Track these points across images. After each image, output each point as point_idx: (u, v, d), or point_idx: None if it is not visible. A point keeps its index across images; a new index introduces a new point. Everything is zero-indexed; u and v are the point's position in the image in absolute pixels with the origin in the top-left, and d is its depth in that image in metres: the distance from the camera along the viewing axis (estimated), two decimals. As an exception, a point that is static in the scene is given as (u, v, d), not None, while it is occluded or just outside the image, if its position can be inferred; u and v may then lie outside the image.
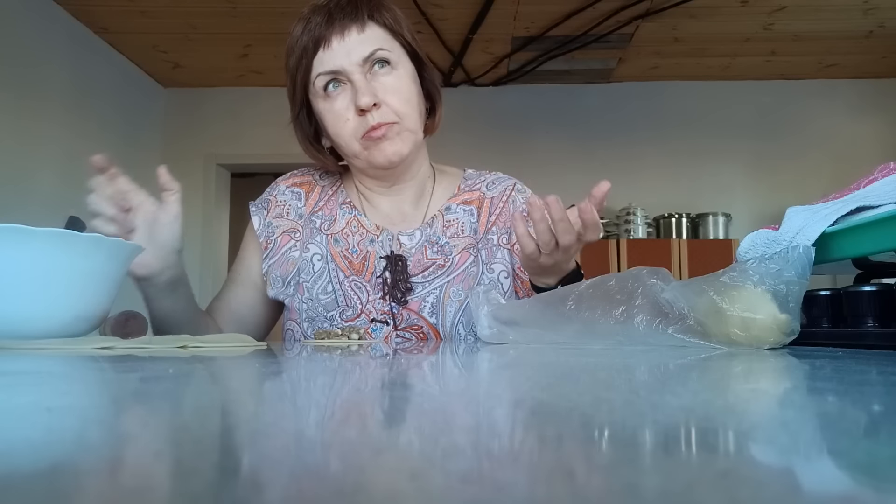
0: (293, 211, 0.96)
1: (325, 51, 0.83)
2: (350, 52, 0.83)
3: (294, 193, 0.98)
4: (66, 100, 3.33)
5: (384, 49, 0.84)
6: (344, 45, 0.83)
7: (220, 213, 4.38)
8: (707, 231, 3.91)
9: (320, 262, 0.91)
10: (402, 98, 0.85)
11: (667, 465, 0.14)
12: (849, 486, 0.13)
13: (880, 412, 0.22)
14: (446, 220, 0.94)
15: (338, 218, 0.95)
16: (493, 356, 0.50)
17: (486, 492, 0.12)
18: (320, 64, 0.84)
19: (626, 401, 0.25)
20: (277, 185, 1.00)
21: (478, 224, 0.95)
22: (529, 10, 3.37)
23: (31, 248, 0.57)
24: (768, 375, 0.36)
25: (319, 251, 0.92)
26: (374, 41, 0.84)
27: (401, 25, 0.88)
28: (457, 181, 1.00)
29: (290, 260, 0.93)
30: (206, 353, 0.50)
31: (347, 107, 0.85)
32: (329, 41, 0.83)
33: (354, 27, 0.83)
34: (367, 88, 0.83)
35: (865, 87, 4.23)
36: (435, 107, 0.94)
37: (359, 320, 0.88)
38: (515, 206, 0.97)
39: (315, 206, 0.96)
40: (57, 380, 0.32)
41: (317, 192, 0.98)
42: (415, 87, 0.88)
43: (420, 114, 0.89)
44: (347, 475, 0.13)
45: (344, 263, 0.91)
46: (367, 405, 0.25)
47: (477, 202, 0.97)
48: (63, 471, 0.13)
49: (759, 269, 0.55)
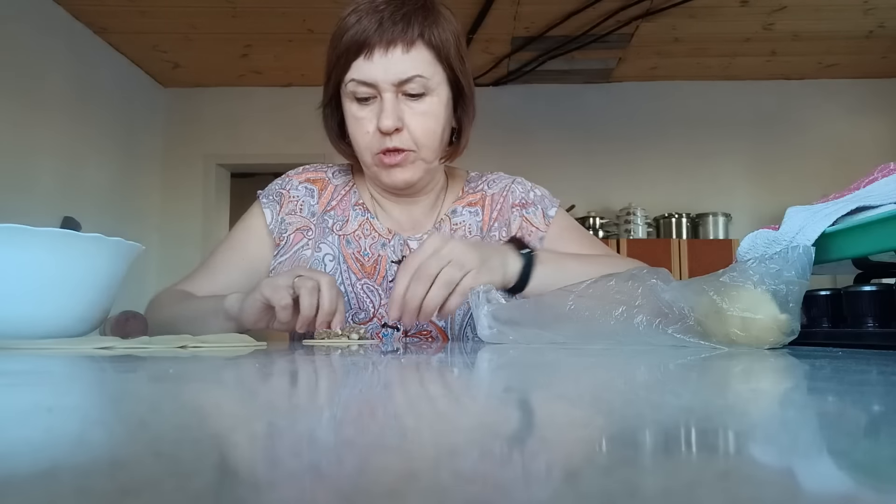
0: (306, 208, 0.95)
1: (366, 59, 0.81)
2: (388, 69, 0.81)
3: (307, 190, 0.96)
4: (66, 100, 3.34)
5: (423, 76, 0.82)
6: (385, 61, 0.80)
7: (219, 213, 4.38)
8: (707, 231, 3.91)
9: (332, 263, 0.90)
10: (426, 128, 0.84)
11: (667, 465, 0.14)
12: (849, 486, 0.13)
13: (880, 412, 0.22)
14: (453, 224, 0.94)
15: (350, 219, 0.94)
16: (493, 356, 0.50)
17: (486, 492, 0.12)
18: (357, 70, 0.82)
19: (626, 401, 0.25)
20: (290, 179, 0.98)
21: (482, 223, 0.95)
22: (529, 10, 3.37)
23: (32, 248, 0.57)
24: (768, 375, 0.36)
25: (331, 252, 0.91)
26: (416, 65, 0.81)
27: (449, 49, 0.85)
28: (461, 183, 1.00)
29: (301, 258, 0.91)
30: (206, 353, 0.50)
31: (371, 120, 0.83)
32: (372, 51, 0.81)
33: (401, 45, 0.81)
34: (394, 111, 0.81)
35: (865, 87, 4.23)
36: (462, 133, 0.92)
37: (371, 324, 0.88)
38: (514, 196, 0.97)
39: (328, 205, 0.95)
40: (57, 380, 0.32)
41: (330, 190, 0.97)
42: (443, 116, 0.86)
43: (441, 143, 0.87)
44: (347, 475, 0.13)
45: (356, 266, 0.90)
46: (367, 405, 0.25)
47: (480, 202, 0.97)
48: (63, 471, 0.13)
49: (759, 269, 0.55)
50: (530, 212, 0.96)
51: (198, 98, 4.32)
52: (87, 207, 3.45)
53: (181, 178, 4.28)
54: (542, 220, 0.96)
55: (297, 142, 4.19)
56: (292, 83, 4.26)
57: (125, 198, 3.86)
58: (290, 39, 3.64)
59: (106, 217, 3.62)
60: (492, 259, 0.76)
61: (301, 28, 3.49)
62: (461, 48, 0.87)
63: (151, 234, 4.12)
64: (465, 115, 0.91)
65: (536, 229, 0.95)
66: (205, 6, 3.28)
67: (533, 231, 0.95)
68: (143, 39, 3.64)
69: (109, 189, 3.69)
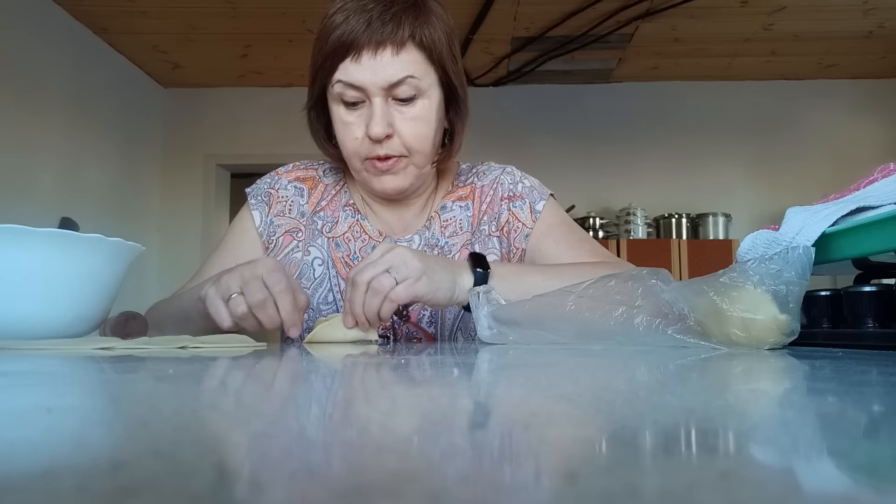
0: (295, 208, 0.92)
1: (354, 61, 0.78)
2: (377, 72, 0.77)
3: (297, 189, 0.94)
4: (66, 100, 3.33)
5: (415, 77, 0.79)
6: (374, 63, 0.77)
7: (219, 213, 4.38)
8: (707, 231, 3.91)
9: (321, 268, 0.89)
10: (417, 132, 0.81)
11: (667, 466, 0.14)
12: (849, 487, 0.13)
13: (880, 413, 0.22)
14: (443, 220, 0.92)
15: (340, 220, 0.91)
16: (493, 356, 0.50)
17: (486, 492, 0.12)
18: (345, 72, 0.78)
19: (626, 401, 0.25)
20: (279, 177, 0.95)
21: (472, 217, 0.92)
22: (529, 11, 3.37)
23: (32, 249, 0.57)
24: (768, 376, 0.36)
25: (320, 255, 0.89)
26: (406, 66, 0.78)
27: (441, 49, 0.81)
28: (451, 177, 0.97)
29: (292, 262, 0.89)
30: (206, 354, 0.50)
31: (359, 125, 0.80)
32: (360, 53, 0.77)
33: (390, 46, 0.77)
34: (383, 117, 0.78)
35: (865, 87, 4.23)
36: (455, 135, 0.89)
37: None
38: (503, 188, 0.93)
39: (317, 206, 0.93)
40: (57, 380, 0.32)
41: (320, 189, 0.94)
42: (435, 119, 0.82)
43: (434, 147, 0.85)
44: (347, 475, 0.13)
45: (345, 270, 0.88)
46: (367, 405, 0.25)
47: (470, 195, 0.94)
48: (63, 471, 0.13)
49: (759, 270, 0.55)
50: (517, 206, 0.92)
51: (198, 98, 4.31)
52: (86, 208, 3.45)
53: (181, 178, 4.28)
54: (529, 216, 0.91)
55: (297, 142, 4.13)
56: (292, 83, 4.26)
57: (125, 198, 3.86)
58: (290, 39, 3.64)
59: (106, 217, 3.62)
60: (438, 273, 0.72)
61: (301, 28, 3.49)
62: (454, 47, 0.84)
63: (151, 235, 4.11)
64: (458, 116, 0.88)
65: (523, 225, 0.91)
66: (205, 6, 3.28)
67: (519, 227, 0.91)
68: (143, 39, 3.64)
69: (109, 189, 3.69)
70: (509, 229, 0.91)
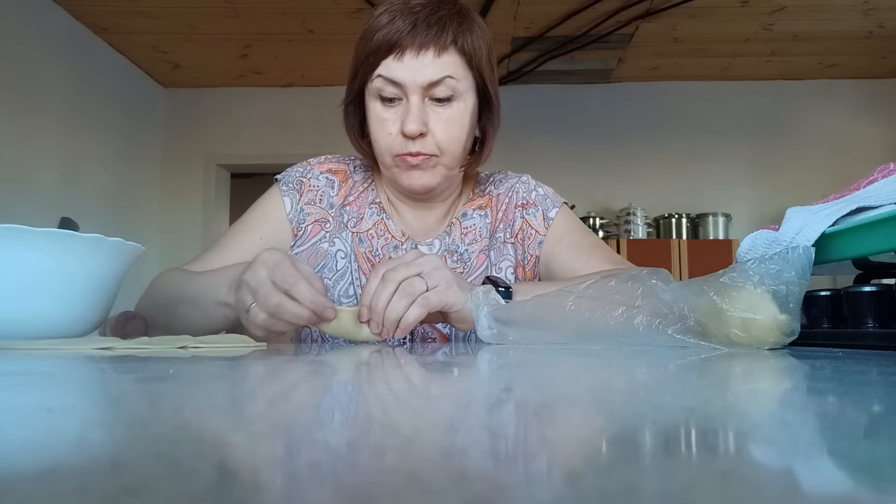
0: (325, 199, 0.93)
1: (396, 60, 0.80)
2: (418, 71, 0.80)
3: (328, 181, 0.94)
4: (66, 100, 3.33)
5: (453, 78, 0.81)
6: (416, 63, 0.80)
7: (219, 213, 4.38)
8: (707, 231, 3.91)
9: (344, 261, 0.89)
10: (450, 134, 0.83)
11: (667, 466, 0.14)
12: (849, 487, 0.13)
13: (880, 413, 0.22)
14: (464, 227, 0.94)
15: (366, 217, 0.93)
16: (493, 356, 0.50)
17: (486, 492, 0.12)
18: (386, 69, 0.81)
19: (626, 401, 0.25)
20: (311, 167, 0.96)
21: (489, 225, 0.94)
22: (529, 11, 3.37)
23: (32, 249, 0.57)
24: (768, 376, 0.36)
25: (344, 249, 0.90)
26: (446, 68, 0.81)
27: (481, 58, 0.84)
28: (472, 185, 0.99)
29: (319, 252, 0.90)
30: (206, 354, 0.50)
31: (394, 122, 0.82)
32: (403, 53, 0.80)
33: (433, 49, 0.80)
34: (419, 115, 0.80)
35: (865, 87, 4.23)
36: (485, 142, 0.91)
37: None
38: (518, 196, 0.95)
39: (346, 199, 0.94)
40: (57, 380, 0.32)
41: (349, 184, 0.95)
42: (468, 123, 0.85)
43: (464, 150, 0.87)
44: (346, 475, 0.13)
45: (367, 266, 0.89)
46: (367, 405, 0.25)
47: (488, 204, 0.96)
48: (63, 471, 0.13)
49: (759, 270, 0.55)
50: (531, 213, 0.94)
51: (198, 98, 4.31)
52: (87, 207, 3.45)
53: (181, 179, 4.28)
54: (542, 223, 0.93)
55: (297, 142, 4.19)
56: (292, 83, 4.26)
57: (125, 198, 3.86)
58: (290, 40, 3.64)
59: (106, 217, 3.62)
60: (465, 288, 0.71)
61: (301, 28, 3.49)
62: (492, 58, 0.87)
63: (151, 235, 4.11)
64: (490, 124, 0.90)
65: (536, 232, 0.93)
66: (205, 6, 3.28)
67: (532, 234, 0.93)
68: (143, 39, 3.64)
69: (109, 189, 3.69)
70: (523, 236, 0.94)
